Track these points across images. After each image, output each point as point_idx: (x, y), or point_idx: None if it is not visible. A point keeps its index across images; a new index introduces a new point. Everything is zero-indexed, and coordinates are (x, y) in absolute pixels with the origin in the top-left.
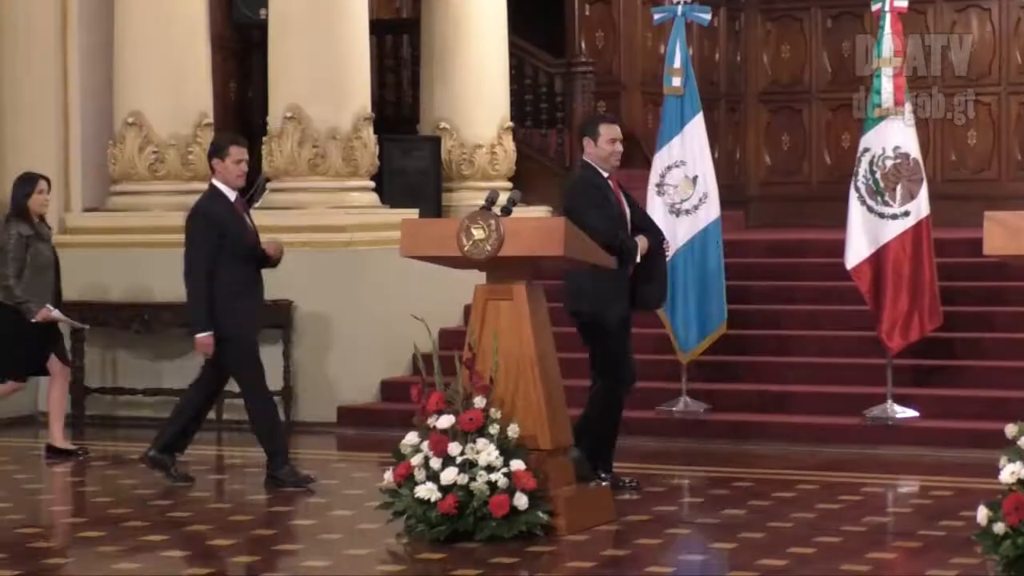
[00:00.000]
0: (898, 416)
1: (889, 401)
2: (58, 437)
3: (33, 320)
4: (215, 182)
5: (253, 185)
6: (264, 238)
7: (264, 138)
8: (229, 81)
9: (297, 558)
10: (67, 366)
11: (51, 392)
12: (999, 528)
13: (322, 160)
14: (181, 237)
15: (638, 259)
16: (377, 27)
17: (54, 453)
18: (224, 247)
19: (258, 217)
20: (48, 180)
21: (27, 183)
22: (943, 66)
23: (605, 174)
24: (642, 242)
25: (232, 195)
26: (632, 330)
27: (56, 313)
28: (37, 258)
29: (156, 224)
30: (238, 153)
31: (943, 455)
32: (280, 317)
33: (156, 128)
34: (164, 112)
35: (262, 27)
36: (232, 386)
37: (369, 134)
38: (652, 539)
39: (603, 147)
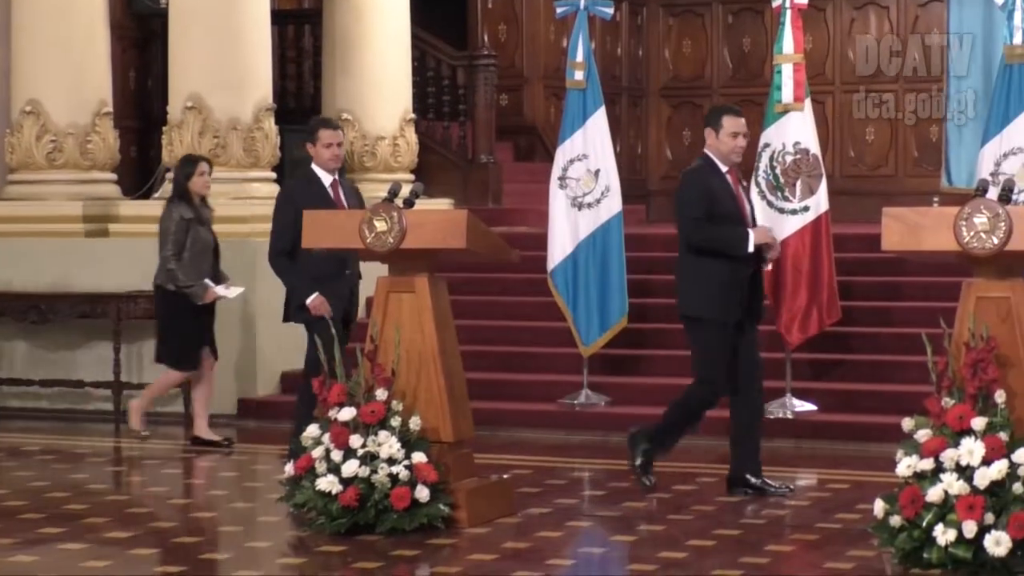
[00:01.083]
0: (797, 410)
1: (788, 395)
2: (204, 428)
3: (200, 303)
4: (313, 166)
5: (154, 174)
6: None
7: (164, 128)
8: (129, 70)
9: (197, 551)
10: (216, 358)
11: (199, 384)
12: (895, 521)
13: (223, 151)
14: (79, 227)
15: (750, 247)
16: (279, 17)
17: (199, 443)
18: None
19: (157, 208)
20: (209, 162)
21: (188, 164)
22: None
23: (723, 168)
24: (758, 234)
25: (327, 179)
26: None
27: (220, 288)
28: (197, 241)
29: (54, 214)
30: (328, 136)
31: (840, 448)
32: None
33: (54, 117)
34: (62, 101)
35: (162, 16)
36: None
37: (270, 125)
38: (553, 532)
39: (724, 140)
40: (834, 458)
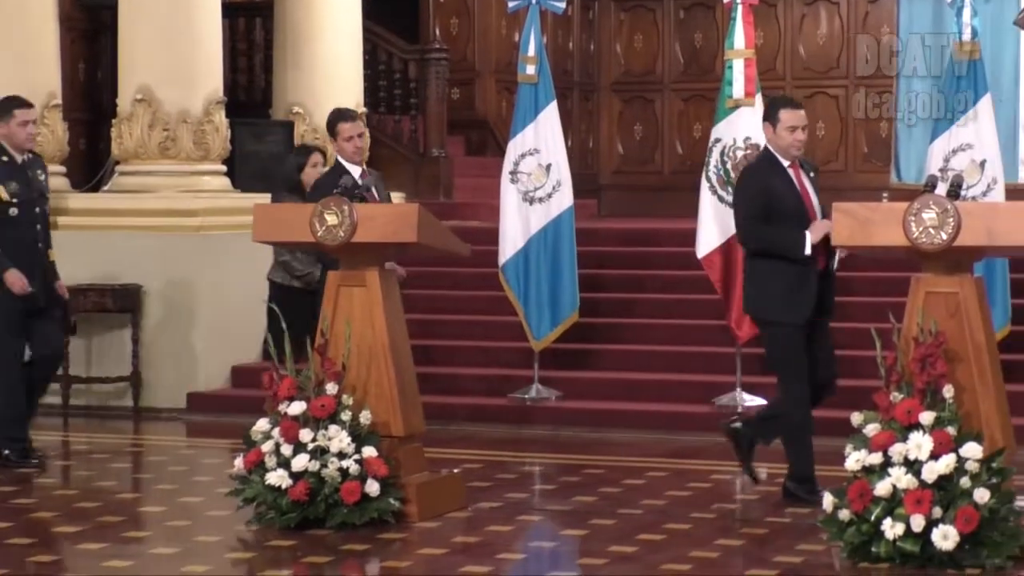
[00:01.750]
0: (747, 404)
1: (738, 389)
2: None
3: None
4: (339, 159)
5: (103, 167)
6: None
7: (114, 120)
8: (78, 62)
9: (145, 545)
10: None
11: None
12: (844, 515)
13: (173, 143)
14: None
15: (807, 250)
16: (230, 10)
17: None
18: None
19: (107, 201)
20: (323, 152)
21: (300, 155)
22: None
23: (785, 162)
24: (816, 232)
25: (356, 170)
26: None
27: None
28: None
29: None
30: (348, 129)
31: None
32: (129, 301)
33: None
34: (10, 93)
35: (112, 8)
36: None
37: (221, 118)
38: (503, 526)
39: (782, 135)
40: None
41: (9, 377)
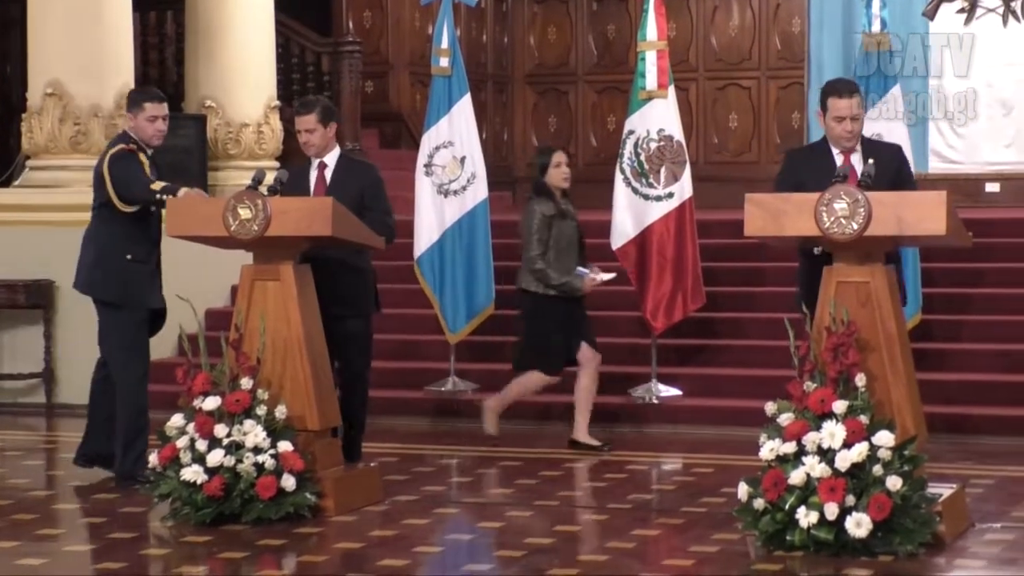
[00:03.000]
0: (662, 395)
1: (653, 380)
2: (583, 431)
3: (581, 295)
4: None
5: (13, 163)
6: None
7: (24, 115)
8: None
9: (59, 543)
10: (598, 352)
11: (580, 381)
12: (759, 504)
13: (84, 138)
14: None
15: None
16: (140, 3)
17: (577, 447)
18: None
19: (18, 196)
20: (567, 151)
21: (543, 155)
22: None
23: (835, 150)
24: None
25: (314, 162)
26: None
27: (602, 275)
28: (560, 238)
29: None
30: (297, 123)
31: (705, 433)
32: (41, 297)
33: None
34: None
35: (21, 1)
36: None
37: None
38: (420, 519)
39: (830, 125)
40: (699, 442)
41: None
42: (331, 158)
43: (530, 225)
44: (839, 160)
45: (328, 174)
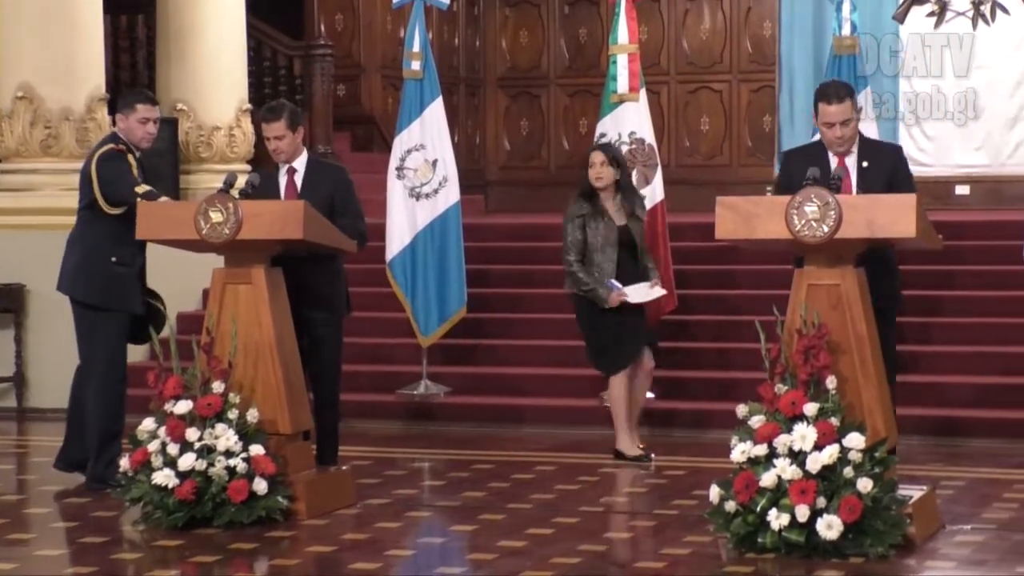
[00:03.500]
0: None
1: None
2: (620, 441)
3: (606, 306)
4: None
5: None
6: None
7: None
8: None
9: (31, 547)
10: (652, 360)
11: (611, 390)
12: (730, 506)
13: (55, 141)
14: None
15: None
16: (111, 6)
17: (620, 458)
18: None
19: None
20: (603, 151)
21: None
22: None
23: (831, 153)
24: None
25: (283, 168)
26: None
27: (630, 289)
28: (595, 239)
29: None
30: (265, 129)
31: (677, 435)
32: (12, 301)
33: None
34: None
35: None
36: None
37: (103, 115)
38: (393, 522)
39: (822, 130)
40: (671, 445)
41: None
42: (300, 163)
43: (565, 228)
44: (834, 162)
45: (298, 179)
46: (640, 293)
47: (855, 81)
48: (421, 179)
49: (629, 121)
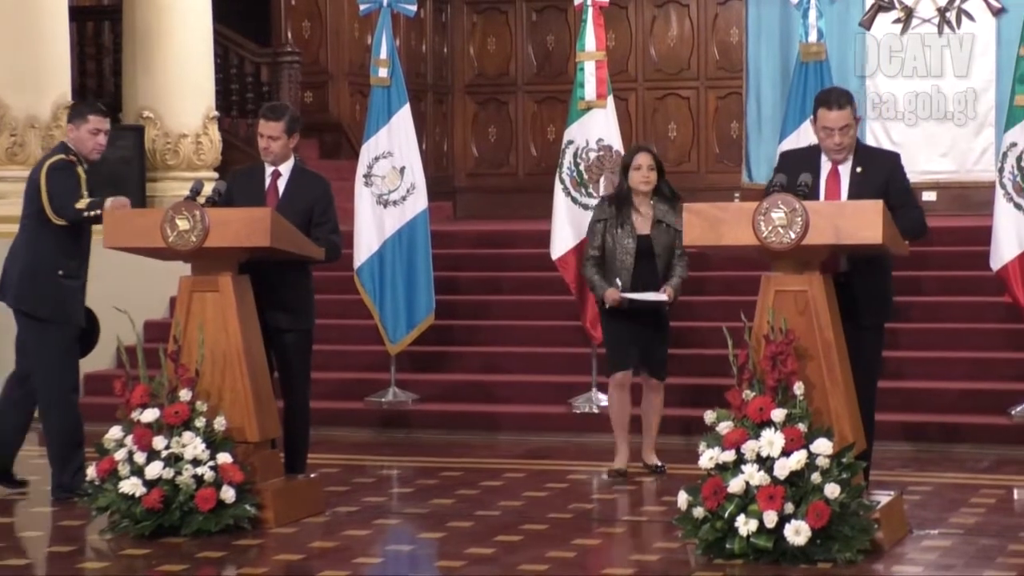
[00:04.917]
0: (603, 404)
1: (594, 389)
2: (644, 450)
3: (606, 306)
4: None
5: None
6: None
7: None
8: None
9: None
10: (654, 378)
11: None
12: (698, 512)
13: (21, 149)
14: None
15: None
16: (77, 14)
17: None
18: None
19: None
20: (650, 150)
21: (628, 154)
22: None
23: (825, 159)
24: None
25: (268, 169)
26: None
27: (634, 293)
28: (613, 244)
29: None
30: (260, 127)
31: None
32: None
33: None
34: None
35: None
36: None
37: None
38: (361, 530)
39: (819, 135)
40: (641, 452)
41: None
42: (286, 167)
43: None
44: (827, 167)
45: (281, 184)
46: (643, 296)
47: (821, 85)
48: (389, 186)
49: (597, 128)
